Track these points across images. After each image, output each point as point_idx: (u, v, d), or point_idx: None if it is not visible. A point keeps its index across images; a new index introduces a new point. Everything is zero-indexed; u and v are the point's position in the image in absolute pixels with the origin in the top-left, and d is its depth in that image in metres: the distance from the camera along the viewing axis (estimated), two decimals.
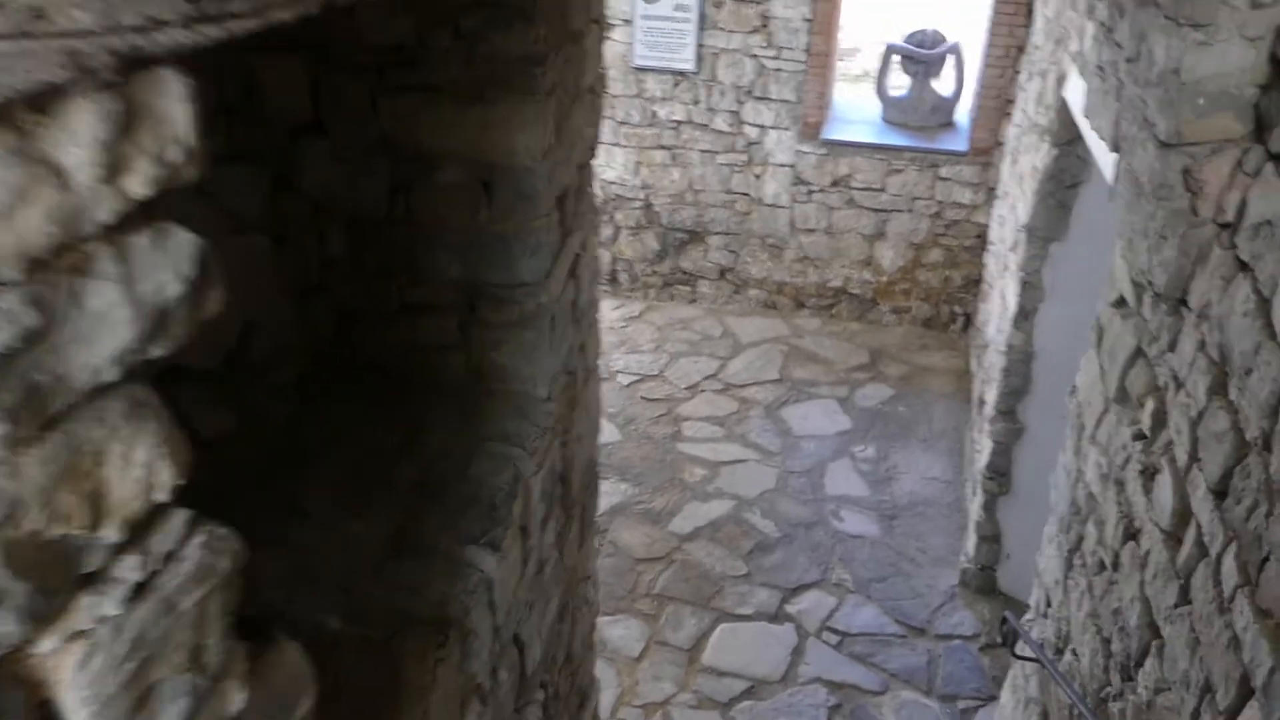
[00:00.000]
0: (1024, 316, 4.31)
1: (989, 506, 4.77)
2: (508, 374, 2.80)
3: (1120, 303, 2.74)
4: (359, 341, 2.87)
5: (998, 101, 6.51)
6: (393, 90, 2.54)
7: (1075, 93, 3.64)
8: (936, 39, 6.91)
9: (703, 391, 6.68)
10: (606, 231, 7.62)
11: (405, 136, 2.59)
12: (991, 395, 4.76)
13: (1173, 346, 2.26)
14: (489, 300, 2.75)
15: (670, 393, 6.65)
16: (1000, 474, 4.69)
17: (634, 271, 7.72)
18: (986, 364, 5.30)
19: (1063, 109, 3.86)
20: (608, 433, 6.22)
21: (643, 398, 6.60)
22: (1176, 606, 1.99)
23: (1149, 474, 2.32)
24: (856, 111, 7.46)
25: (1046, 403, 4.40)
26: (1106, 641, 2.45)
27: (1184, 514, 2.03)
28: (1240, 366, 1.85)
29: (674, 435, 6.23)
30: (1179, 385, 2.20)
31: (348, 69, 2.57)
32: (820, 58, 6.71)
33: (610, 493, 5.73)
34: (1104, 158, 3.08)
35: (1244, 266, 1.97)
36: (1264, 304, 1.80)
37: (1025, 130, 4.80)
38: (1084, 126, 3.38)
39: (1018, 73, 6.37)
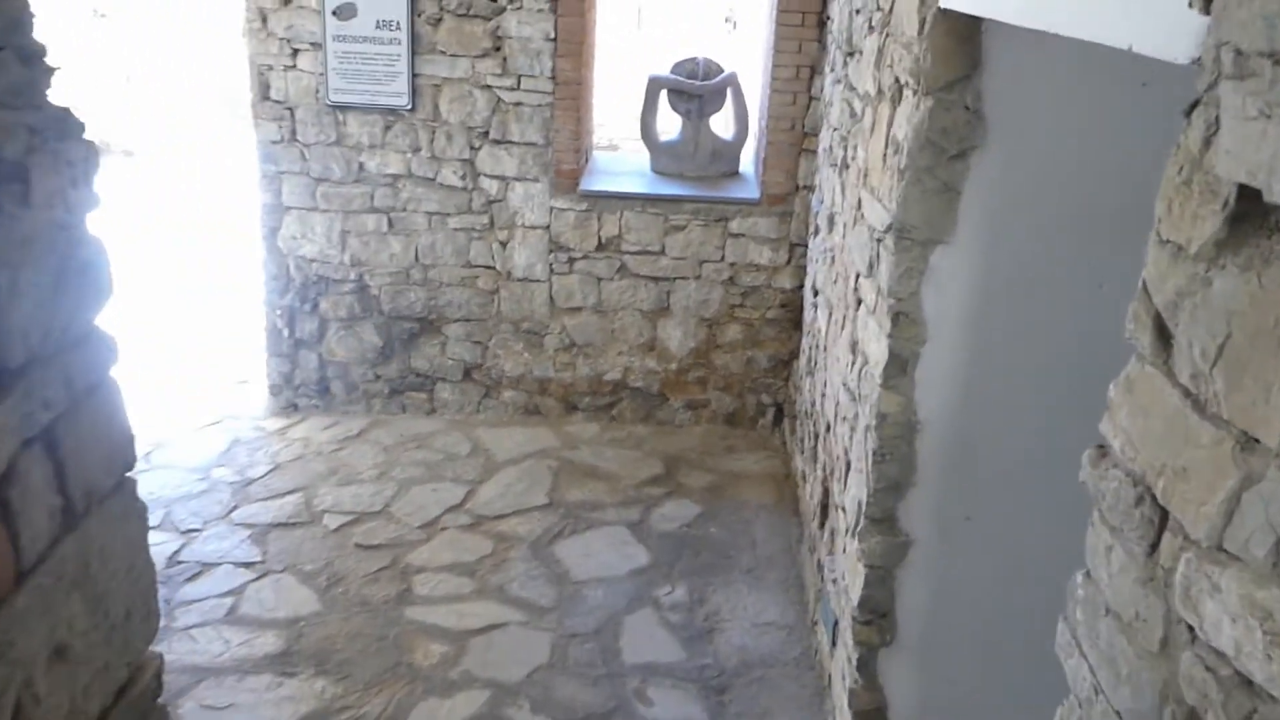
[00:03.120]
0: (898, 369, 2.82)
1: (866, 665, 3.16)
2: None
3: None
4: None
5: (792, 134, 5.26)
6: None
7: None
8: (710, 69, 5.65)
9: (444, 530, 4.81)
10: (310, 326, 5.73)
11: None
12: (853, 496, 3.21)
13: None
14: None
15: (398, 535, 4.74)
16: (879, 614, 3.10)
17: (350, 378, 5.83)
18: (832, 454, 3.78)
19: (941, 31, 2.46)
20: (300, 602, 4.24)
21: (357, 545, 4.65)
22: None
23: None
24: (619, 163, 6.05)
25: (947, 497, 2.89)
26: None
27: None
28: None
29: (401, 597, 4.31)
30: None
31: None
32: (571, 87, 5.26)
33: (297, 698, 3.72)
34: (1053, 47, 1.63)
35: None
36: None
37: (864, 108, 3.43)
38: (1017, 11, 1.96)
39: (814, 98, 5.16)
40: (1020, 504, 2.82)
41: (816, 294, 4.45)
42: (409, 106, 5.29)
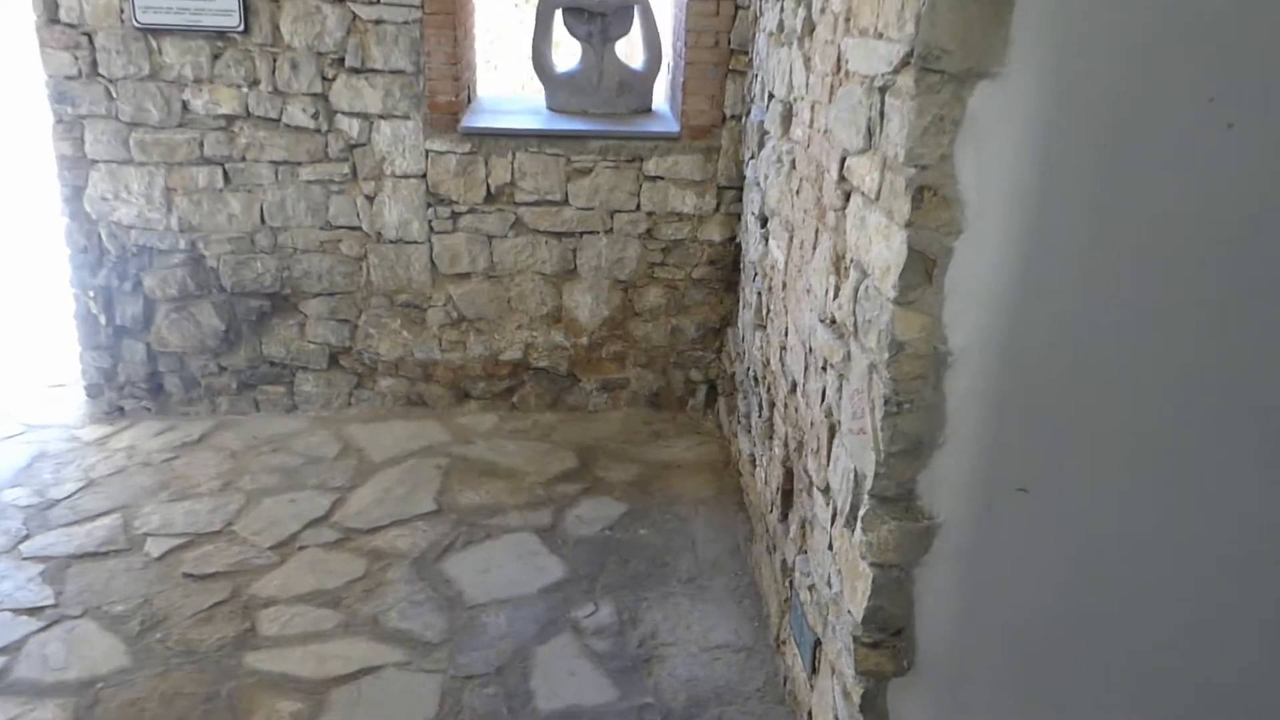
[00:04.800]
0: (920, 275, 1.95)
1: (873, 702, 2.29)
2: None
3: None
4: None
5: (715, 52, 4.39)
6: None
7: None
8: None
9: (302, 549, 3.78)
10: (133, 310, 4.61)
11: None
12: (844, 470, 2.33)
13: None
14: None
15: (241, 559, 3.70)
16: (892, 632, 2.23)
17: (188, 371, 4.73)
18: (800, 422, 2.90)
19: None
20: (101, 656, 3.18)
21: (187, 576, 3.59)
22: None
23: None
24: (509, 102, 5.10)
25: (990, 460, 2.03)
26: None
27: None
28: None
29: (241, 639, 3.27)
30: None
31: None
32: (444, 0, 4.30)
33: None
34: None
35: None
36: None
37: None
38: None
39: (740, 6, 4.31)
40: (1101, 466, 1.98)
41: (766, 222, 3.57)
42: (241, 28, 4.24)
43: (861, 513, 2.19)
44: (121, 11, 4.21)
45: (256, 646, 3.24)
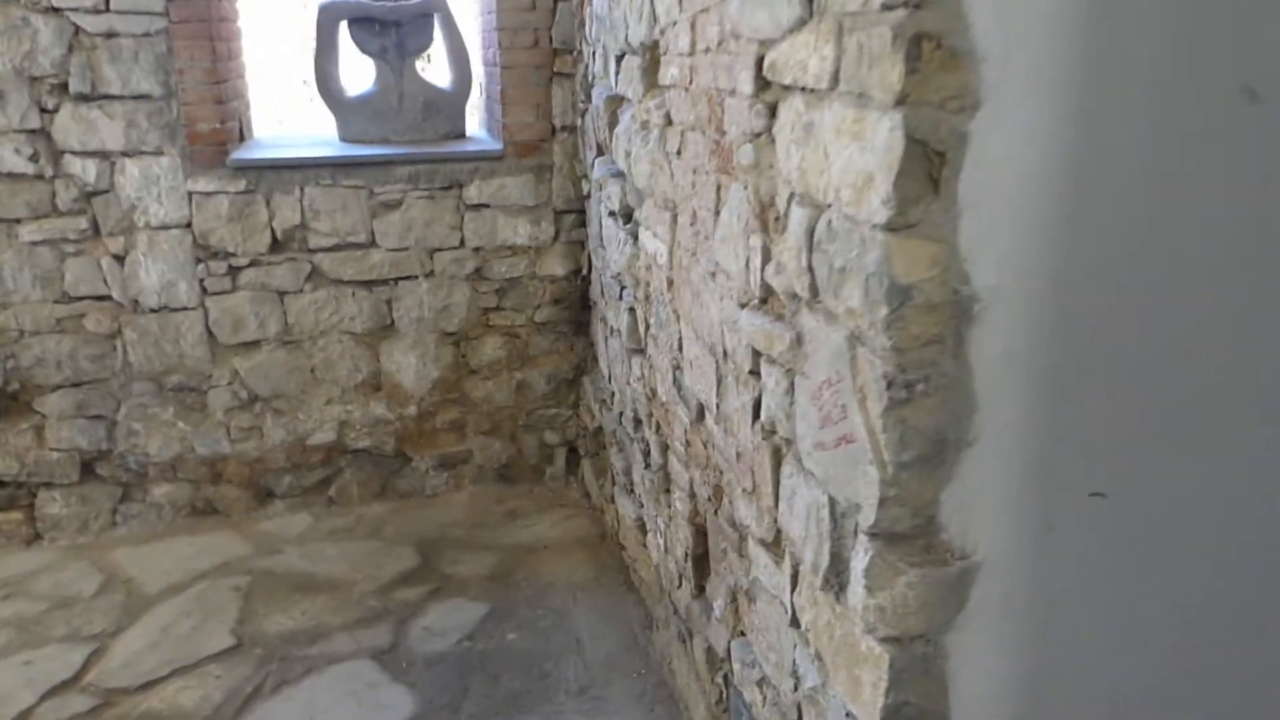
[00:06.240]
0: (922, 181, 1.27)
1: None
2: None
3: None
4: None
5: (536, 52, 3.73)
6: None
7: None
8: None
9: None
10: None
11: None
12: (809, 506, 1.62)
13: None
14: None
15: None
16: None
17: None
18: (714, 457, 2.18)
19: None
20: None
21: None
22: None
23: None
24: (294, 136, 4.27)
25: (1049, 458, 1.35)
26: None
27: None
28: None
29: None
30: None
31: None
32: (196, 4, 3.46)
33: None
34: None
35: None
36: None
37: None
38: None
39: None
40: (1219, 453, 1.34)
41: (631, 215, 2.85)
42: None
43: (859, 564, 1.47)
44: None
45: None
